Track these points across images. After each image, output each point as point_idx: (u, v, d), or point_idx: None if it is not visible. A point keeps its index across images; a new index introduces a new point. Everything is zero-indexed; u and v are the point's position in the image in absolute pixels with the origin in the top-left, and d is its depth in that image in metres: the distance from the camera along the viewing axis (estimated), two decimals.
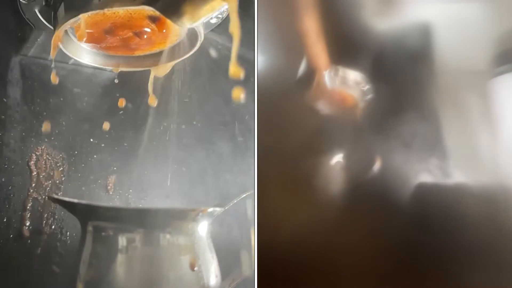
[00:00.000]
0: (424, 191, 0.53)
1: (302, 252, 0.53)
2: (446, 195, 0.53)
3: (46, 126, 0.64)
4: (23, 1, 0.54)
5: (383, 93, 0.54)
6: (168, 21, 0.52)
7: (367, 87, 0.54)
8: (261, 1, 0.53)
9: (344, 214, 0.54)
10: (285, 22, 0.54)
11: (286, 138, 0.53)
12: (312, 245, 0.53)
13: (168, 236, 0.57)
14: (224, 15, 0.57)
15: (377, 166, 0.53)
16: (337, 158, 0.55)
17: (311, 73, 0.53)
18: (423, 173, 0.54)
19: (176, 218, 0.58)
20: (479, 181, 0.53)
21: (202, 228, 0.59)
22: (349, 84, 0.54)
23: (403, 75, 0.54)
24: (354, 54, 0.54)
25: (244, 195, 0.63)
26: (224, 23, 0.58)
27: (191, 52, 0.59)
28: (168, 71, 0.62)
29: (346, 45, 0.54)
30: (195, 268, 0.57)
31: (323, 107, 0.54)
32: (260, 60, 0.53)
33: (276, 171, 0.54)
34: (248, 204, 0.60)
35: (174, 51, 0.60)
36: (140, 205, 0.71)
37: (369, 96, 0.54)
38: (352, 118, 0.54)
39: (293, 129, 0.54)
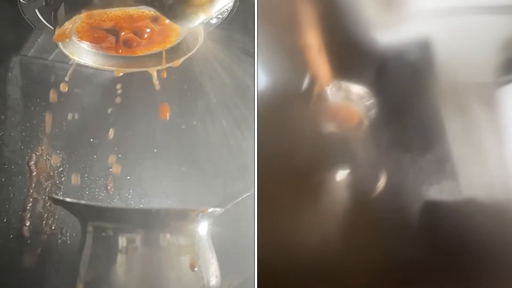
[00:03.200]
0: (433, 207, 0.53)
1: (303, 253, 0.53)
2: (455, 211, 0.53)
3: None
4: (23, 1, 0.54)
5: (387, 107, 0.54)
6: (168, 21, 0.52)
7: (370, 101, 0.54)
8: (261, 16, 0.53)
9: (347, 225, 0.54)
10: (286, 37, 0.54)
11: (288, 149, 0.53)
12: (313, 247, 0.53)
13: (168, 236, 0.57)
14: (224, 15, 0.57)
15: (383, 182, 0.53)
16: (342, 173, 0.55)
17: (313, 88, 0.53)
18: (432, 189, 0.54)
19: (176, 218, 0.58)
20: (488, 195, 0.53)
21: (202, 228, 0.59)
22: (352, 99, 0.54)
23: (407, 88, 0.54)
24: (357, 69, 0.54)
25: (244, 196, 0.63)
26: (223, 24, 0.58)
27: (191, 52, 0.59)
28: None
29: (349, 59, 0.54)
30: (195, 269, 0.57)
31: (326, 122, 0.54)
32: (262, 75, 0.53)
33: (277, 174, 0.54)
34: (248, 204, 0.60)
35: (174, 51, 0.60)
36: (140, 205, 0.71)
37: (373, 111, 0.54)
38: (356, 133, 0.54)
39: (295, 143, 0.54)
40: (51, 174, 0.65)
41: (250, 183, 0.57)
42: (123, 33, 0.56)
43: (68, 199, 0.64)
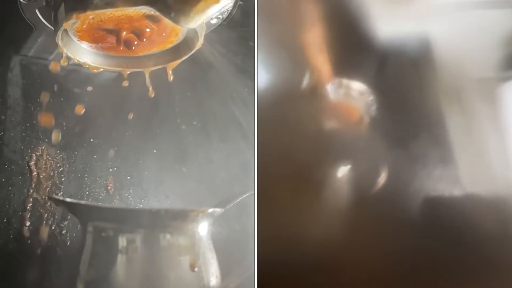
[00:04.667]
0: (434, 202, 0.53)
1: (303, 253, 0.53)
2: (457, 207, 0.53)
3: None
4: (23, 1, 0.54)
5: (388, 103, 0.54)
6: (168, 21, 0.52)
7: (371, 98, 0.54)
8: (262, 13, 0.53)
9: (348, 222, 0.54)
10: (287, 35, 0.54)
11: (288, 147, 0.53)
12: (314, 247, 0.53)
13: (168, 236, 0.57)
14: (225, 15, 0.57)
15: (384, 178, 0.53)
16: (343, 170, 0.55)
17: (314, 85, 0.53)
18: (433, 184, 0.54)
19: (176, 218, 0.58)
20: (490, 191, 0.53)
21: (202, 228, 0.59)
22: (353, 95, 0.54)
23: (408, 84, 0.54)
24: (357, 65, 0.54)
25: (245, 196, 0.63)
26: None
27: (191, 53, 0.59)
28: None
29: (349, 56, 0.54)
30: (195, 269, 0.57)
31: (326, 119, 0.54)
32: (262, 73, 0.53)
33: (277, 173, 0.54)
34: (248, 204, 0.60)
35: (174, 52, 0.60)
36: (140, 206, 0.71)
37: (374, 107, 0.54)
38: (357, 130, 0.54)
39: (296, 141, 0.54)
40: (51, 174, 0.65)
41: (250, 183, 0.57)
42: (124, 33, 0.56)
43: (68, 199, 0.64)
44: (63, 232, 0.65)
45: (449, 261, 0.51)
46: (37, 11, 0.55)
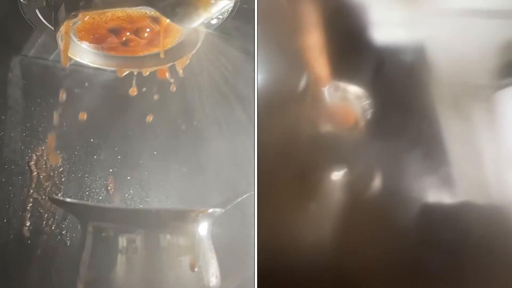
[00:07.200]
0: (429, 208, 0.53)
1: (303, 253, 0.53)
2: (452, 214, 0.53)
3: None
4: (23, 1, 0.54)
5: (385, 108, 0.54)
6: (168, 21, 0.52)
7: (368, 101, 0.54)
8: (261, 16, 0.53)
9: (347, 224, 0.54)
10: (285, 37, 0.54)
11: (288, 149, 0.54)
12: (313, 247, 0.53)
13: (168, 236, 0.57)
14: (225, 16, 0.57)
15: (380, 183, 0.53)
16: (342, 173, 0.55)
17: (311, 88, 0.53)
18: (428, 190, 0.54)
19: (176, 219, 0.58)
20: (486, 198, 0.53)
21: (203, 229, 0.59)
22: (350, 99, 0.54)
23: (405, 90, 0.54)
24: (354, 69, 0.54)
25: (244, 196, 0.63)
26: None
27: (192, 53, 0.59)
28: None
29: (347, 59, 0.54)
30: (195, 269, 0.57)
31: (324, 122, 0.55)
32: (262, 75, 0.53)
33: (277, 174, 0.54)
34: (248, 204, 0.60)
35: (174, 52, 0.60)
36: (140, 206, 0.71)
37: (370, 111, 0.54)
38: (353, 134, 0.55)
39: (295, 143, 0.54)
40: (51, 174, 0.65)
41: (250, 183, 0.57)
42: (128, 33, 0.56)
43: (68, 199, 0.64)
44: (63, 232, 0.65)
45: (443, 267, 0.52)
46: (37, 11, 0.55)
